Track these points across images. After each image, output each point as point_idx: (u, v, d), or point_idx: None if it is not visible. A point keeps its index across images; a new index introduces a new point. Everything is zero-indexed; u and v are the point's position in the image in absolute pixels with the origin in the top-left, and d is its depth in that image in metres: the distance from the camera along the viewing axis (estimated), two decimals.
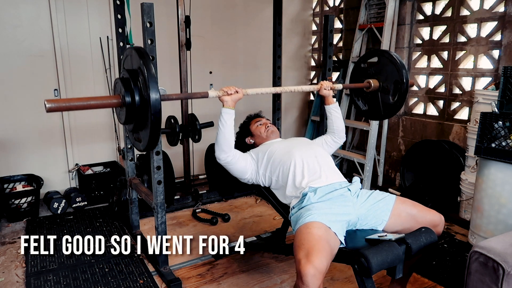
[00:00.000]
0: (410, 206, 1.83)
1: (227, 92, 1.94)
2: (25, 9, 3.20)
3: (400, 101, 2.33)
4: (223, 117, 1.95)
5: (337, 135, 2.28)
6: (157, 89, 1.56)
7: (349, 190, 1.86)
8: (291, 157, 1.99)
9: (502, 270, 1.44)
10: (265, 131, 2.30)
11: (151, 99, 1.54)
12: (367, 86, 2.41)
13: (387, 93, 2.38)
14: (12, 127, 3.29)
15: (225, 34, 4.13)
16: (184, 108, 3.27)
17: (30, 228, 2.94)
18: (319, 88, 2.27)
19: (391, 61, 2.34)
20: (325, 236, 1.57)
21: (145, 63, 1.59)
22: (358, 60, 2.57)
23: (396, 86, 2.33)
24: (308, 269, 1.41)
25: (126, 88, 1.63)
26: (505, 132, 2.30)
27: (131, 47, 1.71)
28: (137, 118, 1.68)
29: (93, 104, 1.59)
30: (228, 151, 2.00)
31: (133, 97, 1.62)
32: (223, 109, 1.95)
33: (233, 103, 1.96)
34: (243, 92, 1.99)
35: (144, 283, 2.23)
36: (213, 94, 1.91)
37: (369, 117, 2.57)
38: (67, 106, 1.51)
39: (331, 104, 2.28)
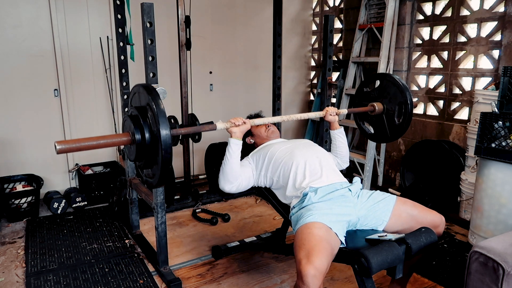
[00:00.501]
0: (411, 207, 1.83)
1: (235, 124, 1.92)
2: (25, 9, 3.20)
3: (406, 123, 2.31)
4: (231, 147, 1.92)
5: (341, 160, 2.28)
6: (167, 125, 1.52)
7: (350, 191, 1.86)
8: (292, 157, 1.99)
9: (502, 270, 1.44)
10: (265, 131, 2.30)
11: (162, 135, 1.50)
12: (372, 109, 2.39)
13: (392, 115, 2.36)
14: (12, 127, 3.30)
15: (225, 34, 4.13)
16: (184, 108, 3.27)
17: (30, 228, 2.94)
18: (325, 114, 2.25)
19: (394, 83, 2.33)
20: (326, 236, 1.57)
21: (154, 99, 1.56)
22: (361, 84, 2.55)
23: (401, 108, 2.31)
24: (308, 270, 1.41)
25: (136, 125, 1.60)
26: (505, 132, 2.30)
27: (139, 85, 1.69)
28: (148, 155, 1.65)
29: (103, 143, 1.56)
30: (233, 181, 1.99)
31: (143, 134, 1.60)
32: (232, 139, 1.93)
33: (241, 134, 1.94)
34: (250, 123, 1.97)
35: (144, 283, 2.23)
36: (221, 126, 1.88)
37: (376, 140, 2.57)
38: (77, 146, 1.49)
39: (336, 129, 2.27)
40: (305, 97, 4.98)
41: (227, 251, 2.46)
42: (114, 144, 1.64)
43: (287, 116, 2.12)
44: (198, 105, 3.61)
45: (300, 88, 4.93)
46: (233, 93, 4.30)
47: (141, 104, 1.67)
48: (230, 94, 4.28)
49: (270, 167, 2.05)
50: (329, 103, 2.75)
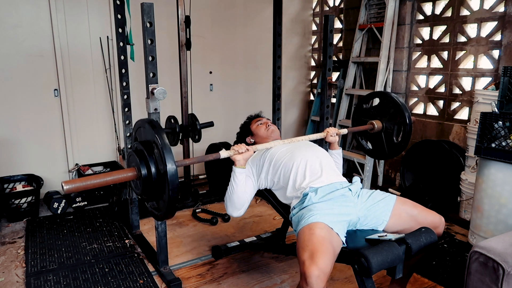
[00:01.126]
0: (411, 207, 1.83)
1: (238, 151, 1.91)
2: (25, 9, 3.20)
3: (404, 142, 2.32)
4: (236, 177, 1.92)
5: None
6: (173, 161, 1.52)
7: (350, 190, 1.86)
8: (292, 158, 1.99)
9: (502, 270, 1.44)
10: (265, 130, 2.31)
11: (169, 173, 1.50)
12: (371, 127, 2.40)
13: (390, 133, 2.38)
14: (12, 127, 3.30)
15: (225, 34, 4.13)
16: (184, 108, 3.27)
17: (30, 228, 2.94)
18: (326, 135, 2.26)
19: (393, 102, 2.34)
20: (328, 236, 1.57)
21: (159, 136, 1.55)
22: (359, 101, 2.56)
23: (400, 127, 2.33)
24: (312, 271, 1.41)
25: (141, 160, 1.61)
26: (505, 132, 2.30)
27: (143, 120, 1.69)
28: (154, 190, 1.65)
29: (110, 180, 1.56)
30: (240, 208, 2.00)
31: (149, 170, 1.59)
32: (236, 168, 1.92)
33: (245, 162, 1.93)
34: (253, 149, 1.96)
35: (144, 283, 2.23)
36: (225, 154, 1.87)
37: (374, 157, 2.60)
38: (84, 185, 1.50)
39: (335, 150, 2.29)
40: (305, 97, 4.98)
41: (227, 251, 2.46)
42: (121, 180, 1.63)
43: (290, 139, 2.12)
44: (198, 105, 3.61)
45: (300, 88, 4.93)
46: (233, 93, 4.30)
47: (146, 138, 1.66)
48: (230, 94, 4.28)
49: (270, 169, 2.05)
50: (329, 103, 2.76)
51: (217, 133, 3.68)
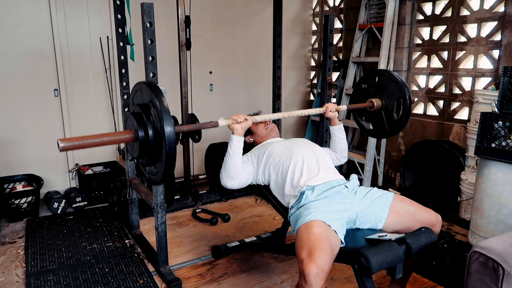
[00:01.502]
0: (408, 204, 1.83)
1: (237, 120, 1.92)
2: (25, 9, 3.20)
3: (405, 118, 2.32)
4: (234, 144, 1.93)
5: (340, 155, 2.29)
6: (171, 121, 1.52)
7: (346, 187, 1.87)
8: (291, 155, 2.00)
9: (502, 270, 1.44)
10: (264, 129, 2.31)
11: (166, 132, 1.50)
12: (370, 105, 2.40)
13: (390, 111, 2.37)
14: (12, 127, 3.29)
15: (225, 34, 4.13)
16: (184, 108, 3.27)
17: (30, 228, 2.94)
18: (325, 111, 2.27)
19: (392, 79, 2.34)
20: (326, 234, 1.57)
21: (157, 96, 1.56)
22: (358, 81, 2.56)
23: (399, 104, 2.32)
24: (311, 268, 1.41)
25: (139, 122, 1.60)
26: (505, 132, 2.30)
27: (141, 82, 1.69)
28: (151, 152, 1.65)
29: (106, 140, 1.55)
30: (236, 178, 2.00)
31: (146, 132, 1.59)
32: (234, 136, 1.92)
33: (243, 131, 1.93)
34: (252, 120, 1.97)
35: (144, 283, 2.23)
36: (223, 123, 1.89)
37: (375, 136, 2.59)
38: (80, 144, 1.49)
39: (335, 125, 2.29)
40: (305, 97, 4.98)
41: (227, 251, 2.46)
42: (117, 142, 1.64)
43: (288, 112, 2.14)
44: (198, 105, 3.61)
45: (300, 88, 4.93)
46: (233, 93, 4.30)
47: (143, 101, 1.66)
48: (230, 94, 4.28)
49: (268, 164, 2.06)
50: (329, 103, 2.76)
51: (217, 133, 3.69)
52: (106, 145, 1.64)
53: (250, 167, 2.10)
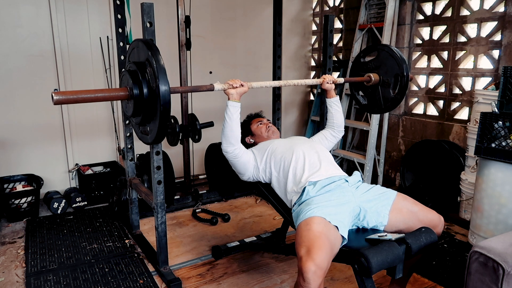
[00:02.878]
0: (412, 204, 1.83)
1: (232, 86, 1.95)
2: (25, 9, 3.20)
3: (400, 95, 2.35)
4: (229, 110, 1.94)
5: (337, 129, 2.31)
6: (166, 80, 1.53)
7: (347, 181, 1.87)
8: (292, 152, 2.01)
9: (502, 270, 1.44)
10: (266, 131, 2.32)
11: (161, 90, 1.52)
12: (368, 80, 2.44)
13: (387, 86, 2.39)
14: (12, 127, 3.29)
15: (225, 34, 4.13)
16: (184, 108, 3.27)
17: (30, 228, 2.94)
18: (322, 81, 2.30)
19: (391, 55, 2.36)
20: (325, 231, 1.56)
21: (154, 55, 1.56)
22: (358, 54, 2.58)
23: (397, 80, 2.35)
24: (309, 266, 1.41)
25: (134, 80, 1.61)
26: (505, 132, 2.30)
27: (138, 39, 1.70)
28: (145, 110, 1.66)
29: (100, 96, 1.56)
30: (235, 144, 2.02)
31: (141, 89, 1.61)
32: (229, 102, 1.94)
33: (239, 96, 1.96)
34: (248, 86, 2.00)
35: (144, 283, 2.23)
36: (219, 87, 1.92)
37: (369, 111, 2.64)
38: (74, 98, 1.48)
39: (332, 98, 2.31)
40: (305, 97, 4.98)
41: (227, 251, 2.46)
42: (112, 98, 1.64)
43: (285, 81, 2.19)
44: (198, 105, 3.61)
45: (300, 88, 4.93)
46: None
47: (139, 59, 1.66)
48: None
49: (270, 161, 2.07)
50: None
51: (217, 133, 3.64)
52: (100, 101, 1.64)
53: (252, 156, 2.12)
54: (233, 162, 2.09)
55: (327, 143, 2.31)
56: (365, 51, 2.55)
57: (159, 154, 2.15)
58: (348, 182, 1.88)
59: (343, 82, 2.44)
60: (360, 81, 2.48)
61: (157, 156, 2.14)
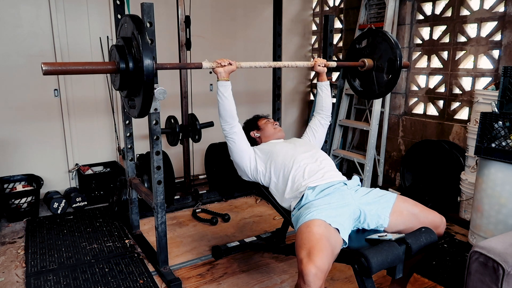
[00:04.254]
0: (412, 205, 1.83)
1: (221, 64, 2.01)
2: (25, 9, 3.20)
3: (394, 79, 2.39)
4: (219, 90, 2.00)
5: (324, 114, 2.37)
6: (150, 55, 1.61)
7: (346, 184, 1.88)
8: (294, 160, 2.01)
9: (502, 270, 1.44)
10: (272, 128, 2.34)
11: (145, 64, 1.60)
12: (362, 65, 2.48)
13: (381, 71, 2.44)
14: (12, 127, 3.29)
15: (225, 34, 4.13)
16: (184, 108, 3.27)
17: (30, 228, 2.94)
18: (313, 64, 2.36)
19: (385, 39, 2.40)
20: (326, 234, 1.56)
21: (139, 29, 1.64)
22: (353, 41, 2.61)
23: (390, 64, 2.39)
24: (309, 269, 1.40)
25: (121, 55, 1.69)
26: (505, 132, 2.30)
27: (127, 15, 1.77)
28: (131, 84, 1.75)
29: (89, 69, 1.65)
30: (231, 122, 2.04)
31: (127, 64, 1.68)
32: (219, 82, 2.00)
33: (227, 74, 2.01)
34: (236, 65, 2.06)
35: (144, 283, 2.23)
36: (207, 65, 1.99)
37: (364, 97, 2.70)
38: (62, 69, 1.59)
39: (323, 81, 2.38)
40: (305, 97, 4.98)
41: (227, 251, 2.46)
42: (100, 71, 1.72)
43: (275, 62, 2.24)
44: (198, 105, 3.61)
45: (300, 88, 4.93)
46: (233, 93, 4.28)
47: (127, 35, 1.74)
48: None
49: (271, 167, 2.06)
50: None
51: (217, 133, 3.65)
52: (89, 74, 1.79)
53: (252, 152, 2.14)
54: (231, 144, 2.10)
55: (319, 135, 2.37)
56: (360, 37, 2.59)
57: (159, 154, 2.15)
58: (347, 185, 1.88)
59: (335, 66, 2.50)
60: (353, 65, 2.52)
61: (157, 156, 2.14)
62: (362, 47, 2.55)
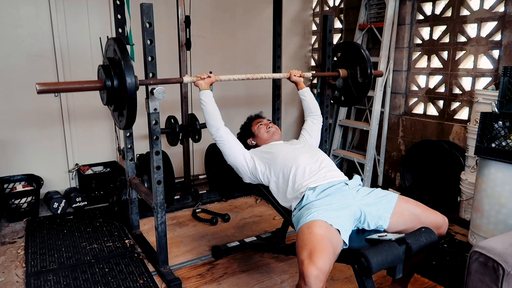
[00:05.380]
0: (414, 206, 1.82)
1: (201, 77, 2.14)
2: (25, 9, 3.20)
3: (368, 79, 2.52)
4: (202, 99, 2.12)
5: (315, 115, 2.47)
6: (132, 74, 1.84)
7: (347, 184, 1.87)
8: (293, 161, 2.00)
9: (502, 270, 1.44)
10: (266, 132, 2.32)
11: (127, 82, 1.83)
12: (336, 75, 2.62)
13: (355, 76, 2.59)
14: (12, 127, 3.29)
15: (225, 34, 4.13)
16: (184, 108, 3.27)
17: (30, 228, 2.94)
18: (289, 75, 2.49)
19: (352, 49, 2.61)
20: (327, 234, 1.55)
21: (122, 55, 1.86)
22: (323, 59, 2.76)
23: (361, 67, 2.54)
24: (311, 270, 1.40)
25: (107, 74, 1.92)
26: (505, 132, 2.30)
27: (112, 38, 1.97)
28: (116, 99, 1.98)
29: (79, 87, 1.88)
30: (216, 125, 2.11)
31: (112, 82, 1.92)
32: (200, 92, 2.13)
33: (207, 85, 2.14)
34: (215, 78, 2.17)
35: (144, 283, 2.23)
36: (188, 79, 2.16)
37: (346, 105, 2.89)
38: (55, 88, 1.83)
39: (303, 89, 2.50)
40: None
41: (227, 251, 2.46)
42: (89, 89, 1.93)
43: (252, 74, 2.34)
44: (198, 105, 3.59)
45: None
46: (233, 93, 4.30)
47: (112, 55, 1.97)
48: (230, 94, 4.28)
49: (271, 168, 2.06)
50: (329, 103, 2.77)
51: None
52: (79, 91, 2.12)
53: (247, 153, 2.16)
54: (222, 147, 2.14)
55: (315, 134, 2.42)
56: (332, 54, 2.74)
57: (159, 154, 2.15)
58: (349, 185, 1.88)
59: (311, 77, 2.63)
60: (328, 75, 2.65)
61: (157, 156, 2.14)
62: (334, 61, 2.75)
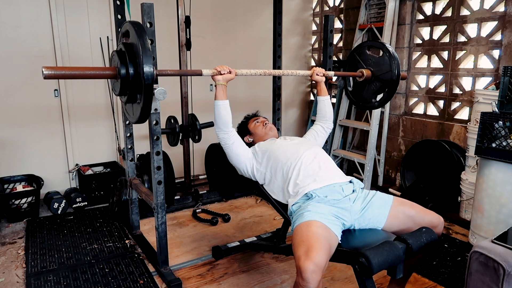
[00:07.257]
0: (408, 207, 1.81)
1: (220, 72, 2.04)
2: (25, 10, 3.20)
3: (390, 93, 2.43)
4: (217, 102, 2.05)
5: (328, 122, 2.39)
6: (150, 62, 1.61)
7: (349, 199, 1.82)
8: (293, 159, 1.99)
9: (502, 270, 1.44)
10: (263, 129, 2.32)
11: (145, 71, 1.60)
12: (359, 75, 2.50)
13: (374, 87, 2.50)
14: (12, 127, 3.29)
15: (225, 34, 4.13)
16: (184, 108, 3.27)
17: (30, 228, 2.94)
18: (312, 73, 2.37)
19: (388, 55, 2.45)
20: (325, 234, 1.58)
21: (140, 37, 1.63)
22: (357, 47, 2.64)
23: (384, 85, 2.44)
24: (308, 265, 1.42)
25: (122, 61, 1.69)
26: (505, 132, 2.30)
27: (130, 22, 1.76)
28: (131, 90, 1.75)
29: (89, 74, 1.65)
30: (224, 129, 2.06)
31: (127, 70, 1.68)
32: (217, 87, 2.06)
33: (225, 82, 2.05)
34: (235, 73, 2.08)
35: (145, 284, 2.23)
36: (207, 72, 2.03)
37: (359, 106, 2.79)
38: (63, 74, 1.59)
39: (324, 96, 2.39)
40: (305, 97, 4.98)
41: (227, 251, 2.46)
42: (100, 77, 1.72)
43: (275, 70, 2.28)
44: (198, 105, 3.60)
45: (300, 88, 4.93)
46: (233, 93, 4.26)
47: (129, 41, 1.73)
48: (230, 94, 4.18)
49: (269, 165, 2.05)
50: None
51: None
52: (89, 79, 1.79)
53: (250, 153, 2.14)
54: (227, 151, 2.11)
55: (320, 139, 2.37)
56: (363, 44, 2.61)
57: (159, 154, 2.15)
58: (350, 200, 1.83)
59: (333, 75, 2.50)
60: (351, 75, 2.55)
61: (157, 156, 2.14)
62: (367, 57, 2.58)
